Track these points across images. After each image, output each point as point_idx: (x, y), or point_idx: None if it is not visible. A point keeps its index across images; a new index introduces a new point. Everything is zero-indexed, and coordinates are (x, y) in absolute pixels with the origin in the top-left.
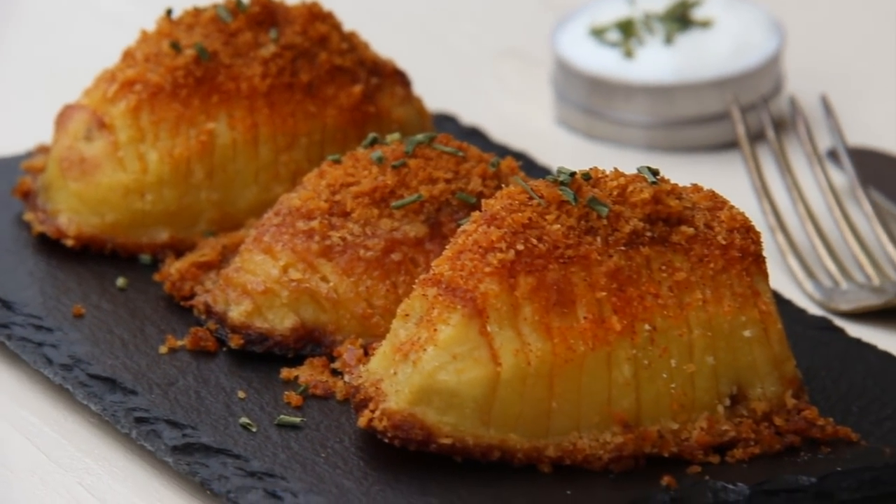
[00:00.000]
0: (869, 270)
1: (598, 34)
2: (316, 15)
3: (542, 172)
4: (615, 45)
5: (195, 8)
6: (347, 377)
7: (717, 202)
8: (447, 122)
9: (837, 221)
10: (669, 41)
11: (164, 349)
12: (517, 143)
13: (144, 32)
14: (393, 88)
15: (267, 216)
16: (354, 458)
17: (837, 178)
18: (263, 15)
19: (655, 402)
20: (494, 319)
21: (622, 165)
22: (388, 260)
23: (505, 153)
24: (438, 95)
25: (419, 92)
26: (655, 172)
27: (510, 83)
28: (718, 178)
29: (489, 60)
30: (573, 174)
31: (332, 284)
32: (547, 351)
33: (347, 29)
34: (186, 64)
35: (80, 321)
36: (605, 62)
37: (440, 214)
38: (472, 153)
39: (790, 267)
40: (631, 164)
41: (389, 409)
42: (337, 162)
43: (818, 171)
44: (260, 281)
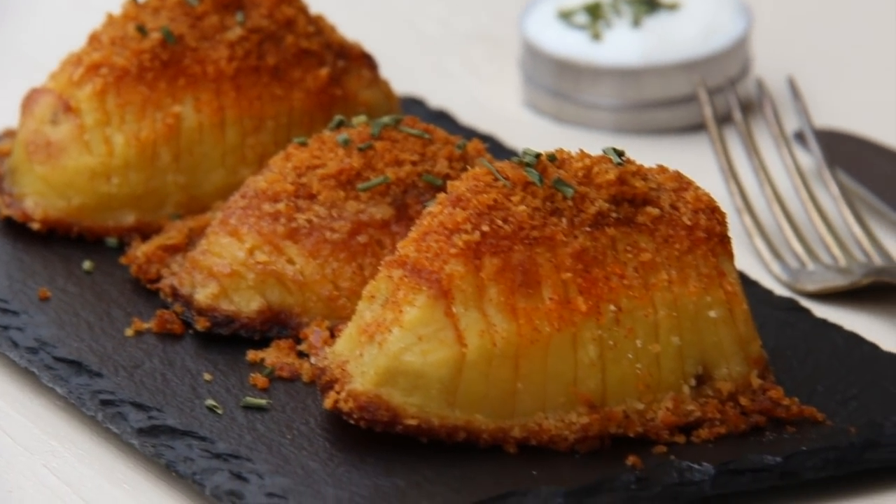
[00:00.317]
0: (835, 251)
1: (565, 17)
2: None
3: (509, 155)
4: (583, 27)
5: None
6: (313, 359)
7: (682, 183)
8: (415, 105)
9: (804, 203)
10: (637, 24)
11: (130, 332)
12: (485, 126)
13: (110, 16)
14: (360, 71)
15: (233, 199)
16: (320, 439)
17: (804, 159)
18: None
19: (621, 382)
20: (460, 301)
21: (590, 148)
22: (354, 242)
23: (473, 136)
24: (407, 79)
25: (387, 75)
26: (621, 154)
27: (478, 66)
28: (686, 160)
29: (458, 44)
30: (538, 155)
31: (298, 267)
32: (512, 332)
33: (314, 12)
34: (152, 47)
35: (45, 304)
36: (572, 45)
37: (406, 197)
38: (438, 135)
39: (757, 248)
40: (598, 146)
41: (355, 390)
42: (303, 144)
43: (785, 152)
44: (226, 263)
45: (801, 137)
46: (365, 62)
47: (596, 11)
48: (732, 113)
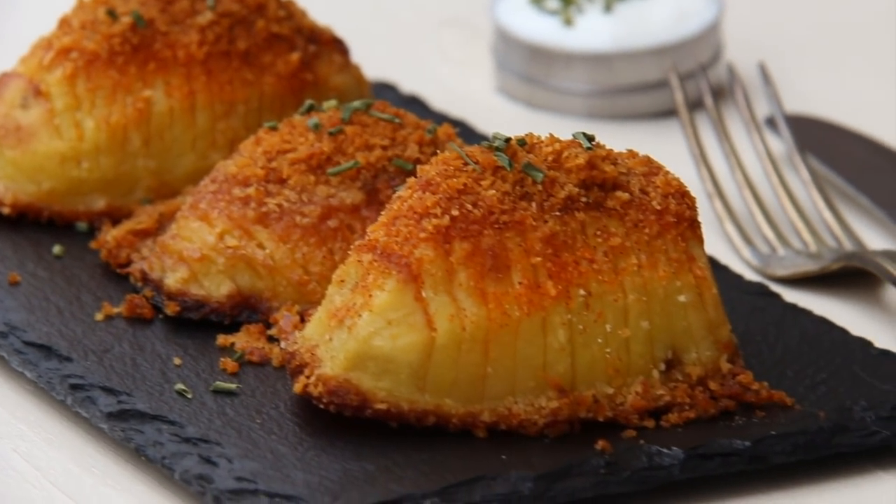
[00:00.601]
0: (806, 237)
1: (537, 2)
2: None
3: (480, 140)
4: (554, 13)
5: None
6: (283, 343)
7: (652, 167)
8: (387, 90)
9: (775, 188)
10: (608, 9)
11: (100, 316)
12: (457, 111)
13: (81, 0)
14: (331, 56)
15: (203, 183)
16: (290, 423)
17: (775, 145)
18: None
19: (590, 366)
20: (429, 285)
21: (561, 133)
22: (324, 226)
23: (444, 121)
24: (379, 64)
25: (359, 60)
26: (591, 138)
27: (451, 52)
28: (657, 145)
29: (430, 29)
30: (508, 140)
31: (268, 251)
32: (482, 316)
33: None
34: (123, 31)
35: (15, 289)
36: (544, 30)
37: (377, 181)
38: (408, 120)
39: (727, 233)
40: (570, 132)
41: (325, 374)
42: (273, 129)
43: (756, 138)
44: (196, 248)
45: (772, 123)
46: (336, 47)
47: None
48: (704, 98)
